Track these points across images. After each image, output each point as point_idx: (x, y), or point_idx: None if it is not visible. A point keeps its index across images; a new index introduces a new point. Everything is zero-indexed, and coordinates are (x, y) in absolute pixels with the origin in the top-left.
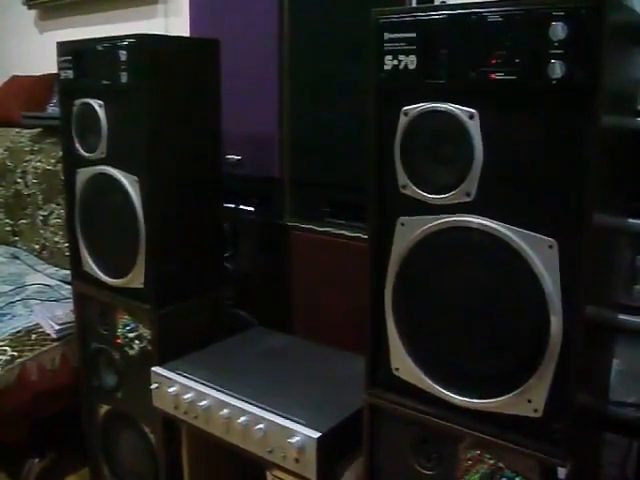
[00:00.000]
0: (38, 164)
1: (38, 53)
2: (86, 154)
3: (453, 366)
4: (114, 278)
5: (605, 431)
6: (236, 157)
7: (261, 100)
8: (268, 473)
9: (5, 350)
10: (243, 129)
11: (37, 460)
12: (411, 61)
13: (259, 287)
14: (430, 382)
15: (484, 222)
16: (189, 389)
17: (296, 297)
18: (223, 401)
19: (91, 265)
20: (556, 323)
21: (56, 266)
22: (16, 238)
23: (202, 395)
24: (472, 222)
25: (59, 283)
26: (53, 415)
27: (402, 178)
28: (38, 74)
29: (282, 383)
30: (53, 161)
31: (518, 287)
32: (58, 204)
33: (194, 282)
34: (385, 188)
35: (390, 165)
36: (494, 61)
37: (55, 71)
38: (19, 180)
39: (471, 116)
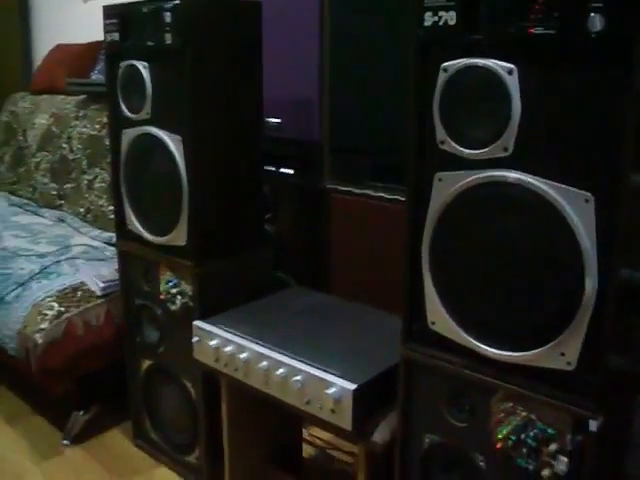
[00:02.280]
0: (83, 130)
1: (82, 22)
2: (131, 115)
3: (488, 320)
4: (157, 236)
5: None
6: (276, 120)
7: (302, 64)
8: (304, 430)
9: (53, 306)
10: (283, 93)
11: (82, 413)
12: (450, 17)
13: (298, 248)
14: (465, 335)
15: (521, 177)
16: (229, 342)
17: (334, 258)
18: (262, 354)
19: (135, 224)
20: (591, 277)
21: (100, 229)
22: (62, 202)
23: (242, 348)
24: (509, 177)
25: (103, 245)
26: (98, 370)
27: (440, 134)
28: (82, 42)
29: (320, 338)
30: (97, 127)
31: (554, 241)
32: (102, 168)
33: (235, 241)
34: (423, 144)
35: (429, 121)
36: (533, 16)
37: (98, 39)
38: (64, 145)
39: (510, 71)
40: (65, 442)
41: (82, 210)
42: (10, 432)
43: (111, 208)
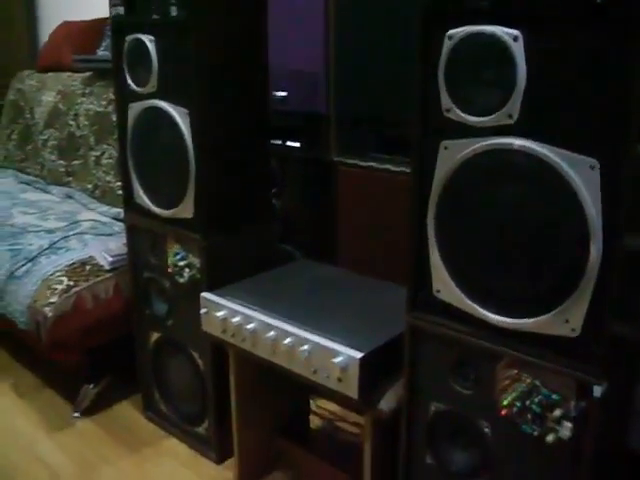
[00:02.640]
0: (90, 106)
1: None
2: (137, 89)
3: (493, 287)
4: (165, 209)
5: None
6: (282, 94)
7: (307, 37)
8: (312, 402)
9: (62, 280)
10: (289, 66)
11: (92, 386)
12: None
13: (304, 222)
14: (470, 303)
15: (526, 144)
16: (237, 313)
17: (341, 231)
18: (269, 324)
19: (142, 197)
20: (596, 245)
21: (108, 205)
22: (70, 178)
23: (249, 318)
24: (514, 144)
25: (111, 220)
26: (107, 344)
27: (446, 102)
28: (88, 19)
29: (327, 309)
30: (104, 103)
31: (559, 209)
32: (109, 144)
33: (242, 215)
34: (429, 112)
35: (434, 89)
36: None
37: (104, 16)
38: (72, 122)
39: (515, 38)
40: (75, 414)
41: (90, 186)
42: (21, 405)
43: (119, 184)
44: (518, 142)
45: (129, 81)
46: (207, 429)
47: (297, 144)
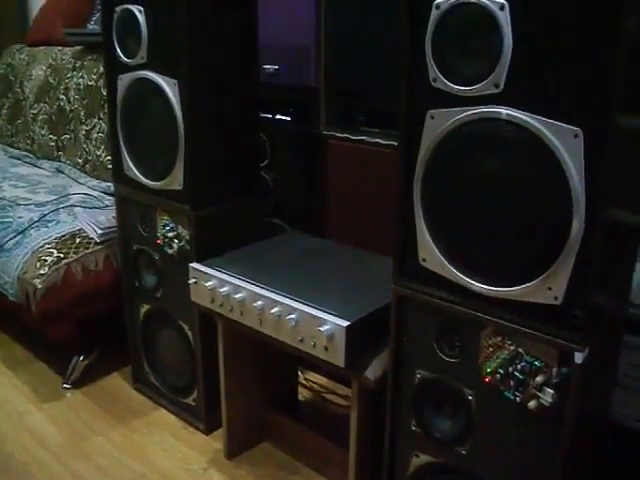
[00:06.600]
0: (80, 80)
1: None
2: (127, 60)
3: (478, 256)
4: (154, 180)
5: (624, 332)
6: (273, 67)
7: (298, 10)
8: (300, 375)
9: (52, 252)
10: (280, 39)
11: (82, 358)
12: None
13: (295, 196)
14: (455, 271)
15: (512, 112)
16: (225, 283)
17: (331, 206)
18: (257, 293)
19: (132, 169)
20: (579, 213)
21: (98, 179)
22: (60, 153)
23: (237, 288)
24: (500, 113)
25: (101, 194)
26: (97, 316)
27: (432, 71)
28: None
29: (315, 279)
30: (95, 77)
31: (543, 178)
32: (100, 119)
33: (231, 187)
34: (416, 82)
35: (421, 59)
36: None
37: None
38: (62, 96)
39: (501, 7)
40: (65, 386)
41: (80, 161)
42: (12, 377)
43: (109, 158)
44: (504, 111)
45: (119, 52)
46: (196, 400)
47: (288, 118)
